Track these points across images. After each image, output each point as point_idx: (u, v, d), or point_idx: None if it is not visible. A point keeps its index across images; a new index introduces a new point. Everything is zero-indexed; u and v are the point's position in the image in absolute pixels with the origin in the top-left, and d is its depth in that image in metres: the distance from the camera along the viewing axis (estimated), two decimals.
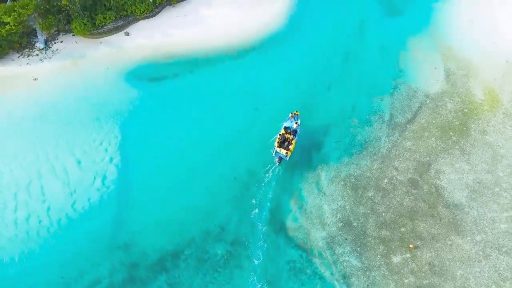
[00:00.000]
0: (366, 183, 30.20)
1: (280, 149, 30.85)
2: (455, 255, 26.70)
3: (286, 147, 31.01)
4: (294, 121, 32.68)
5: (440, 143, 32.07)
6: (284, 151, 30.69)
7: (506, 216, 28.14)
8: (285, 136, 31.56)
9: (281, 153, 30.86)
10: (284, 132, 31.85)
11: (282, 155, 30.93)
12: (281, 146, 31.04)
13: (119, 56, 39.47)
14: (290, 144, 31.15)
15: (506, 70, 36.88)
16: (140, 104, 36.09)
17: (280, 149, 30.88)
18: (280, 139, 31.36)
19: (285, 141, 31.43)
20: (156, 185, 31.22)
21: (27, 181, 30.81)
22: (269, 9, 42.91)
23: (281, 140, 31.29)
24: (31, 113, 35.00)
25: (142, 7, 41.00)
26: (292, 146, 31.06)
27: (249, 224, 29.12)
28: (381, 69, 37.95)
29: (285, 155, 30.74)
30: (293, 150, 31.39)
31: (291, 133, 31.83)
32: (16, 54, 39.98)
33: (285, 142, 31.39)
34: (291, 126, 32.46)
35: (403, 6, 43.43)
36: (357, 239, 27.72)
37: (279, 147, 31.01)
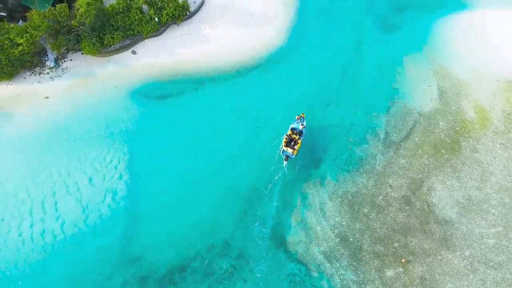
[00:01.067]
0: (362, 199, 31.99)
1: (287, 148, 33.55)
2: (445, 269, 28.48)
3: (292, 147, 33.60)
4: (300, 122, 35.29)
5: (432, 160, 33.86)
6: (290, 150, 33.39)
7: (493, 232, 29.92)
8: (292, 137, 34.17)
9: (288, 152, 33.53)
10: (291, 132, 34.46)
11: (288, 153, 33.58)
12: (288, 146, 33.74)
13: (126, 74, 41.23)
14: (296, 144, 33.76)
15: (496, 89, 38.66)
16: (147, 122, 37.86)
17: (287, 148, 33.57)
18: (287, 139, 34.01)
19: (292, 141, 34.06)
20: (164, 201, 32.95)
21: (41, 197, 32.60)
22: (270, 29, 44.71)
23: (288, 140, 33.99)
24: (44, 131, 36.75)
25: (148, 27, 42.77)
26: (298, 145, 33.75)
27: (251, 239, 30.89)
28: (377, 87, 39.73)
29: (292, 153, 33.38)
30: (299, 149, 33.95)
31: (297, 134, 34.43)
32: (28, 73, 41.75)
33: (292, 142, 34.01)
34: (297, 127, 35.11)
35: (399, 26, 45.26)
36: (353, 253, 29.51)
37: (286, 146, 33.73)
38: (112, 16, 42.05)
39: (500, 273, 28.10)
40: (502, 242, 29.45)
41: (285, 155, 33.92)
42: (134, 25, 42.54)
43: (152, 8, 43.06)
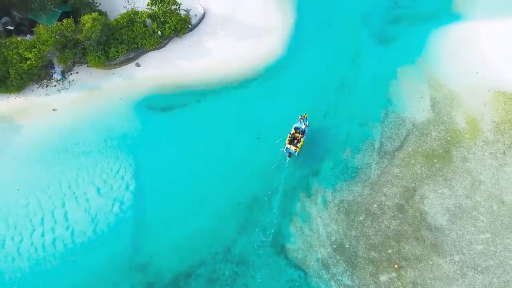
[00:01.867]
0: (358, 208, 33.61)
1: (290, 146, 35.80)
2: (436, 274, 30.11)
3: (295, 144, 35.77)
4: (303, 122, 37.63)
5: (424, 170, 35.50)
6: (293, 147, 35.59)
7: (482, 238, 31.57)
8: (295, 135, 36.47)
9: (291, 149, 35.81)
10: (294, 132, 36.80)
11: (291, 151, 35.86)
12: (291, 143, 35.98)
13: (131, 86, 42.80)
14: (298, 142, 35.96)
15: (487, 100, 40.29)
16: (152, 133, 39.43)
17: (290, 146, 35.83)
18: (290, 137, 36.26)
19: (295, 139, 36.29)
20: (169, 209, 34.53)
21: (52, 208, 34.21)
22: (269, 41, 46.34)
23: (291, 138, 36.27)
24: (52, 143, 38.34)
25: (151, 40, 44.35)
26: (300, 143, 36.02)
27: (253, 246, 32.49)
28: (372, 98, 41.32)
29: (294, 151, 35.56)
30: (301, 147, 36.17)
31: (300, 133, 36.73)
32: (36, 85, 43.30)
33: (295, 140, 36.23)
34: (300, 126, 37.45)
35: (393, 38, 46.91)
36: (349, 260, 31.12)
37: (289, 144, 35.93)
38: (117, 30, 43.64)
39: (488, 277, 29.74)
40: (490, 248, 31.09)
41: (288, 152, 36.38)
42: (138, 39, 44.12)
43: (155, 22, 44.63)
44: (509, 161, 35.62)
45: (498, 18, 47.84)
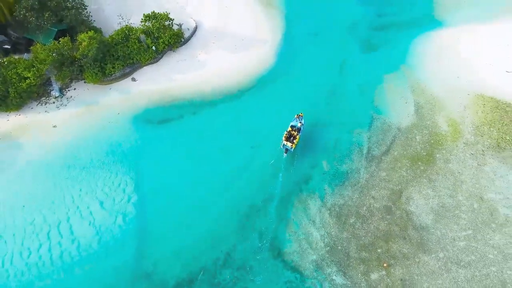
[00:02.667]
0: (348, 211, 35.71)
1: (287, 143, 38.44)
2: (422, 270, 32.35)
3: (291, 141, 38.49)
4: (299, 121, 40.25)
5: (410, 172, 37.74)
6: (289, 144, 38.30)
7: (464, 235, 33.90)
8: (291, 133, 39.02)
9: (288, 146, 38.50)
10: (291, 129, 39.38)
11: (288, 147, 38.57)
12: (287, 140, 38.74)
13: (128, 101, 44.34)
14: (294, 139, 38.79)
15: (467, 103, 42.71)
16: (150, 146, 41.04)
17: (287, 142, 38.46)
18: (287, 134, 38.96)
19: (291, 136, 38.95)
20: (170, 220, 36.19)
21: (57, 222, 35.68)
22: (260, 52, 48.22)
23: (288, 136, 38.92)
24: (54, 159, 39.71)
25: (146, 55, 45.91)
26: (296, 140, 38.87)
27: (251, 250, 34.41)
28: (360, 105, 43.46)
29: (290, 147, 38.41)
30: (297, 143, 39.06)
31: (296, 130, 39.29)
32: (34, 103, 44.57)
33: (291, 137, 38.78)
34: (296, 124, 40.06)
35: (379, 46, 49.21)
36: (341, 260, 33.20)
37: (286, 140, 38.63)
38: (112, 46, 45.08)
39: (470, 271, 32.05)
40: (471, 243, 33.42)
41: (285, 149, 38.88)
42: (133, 54, 45.62)
43: (149, 37, 46.19)
44: (488, 161, 38.05)
45: (477, 24, 50.42)
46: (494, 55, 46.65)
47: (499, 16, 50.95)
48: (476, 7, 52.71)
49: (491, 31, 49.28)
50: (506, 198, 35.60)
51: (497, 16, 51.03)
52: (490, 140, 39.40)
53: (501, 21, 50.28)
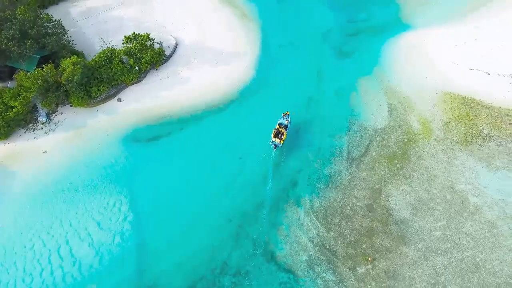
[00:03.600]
0: (333, 211, 38.31)
1: (275, 139, 41.92)
2: (404, 261, 35.24)
3: (279, 138, 41.91)
4: (286, 119, 43.52)
5: (387, 171, 40.65)
6: (278, 140, 41.86)
7: (439, 225, 37.00)
8: (279, 130, 42.67)
9: (276, 142, 41.99)
10: (278, 127, 43.02)
11: (277, 143, 42.10)
12: (276, 137, 42.23)
13: (115, 121, 45.65)
14: (282, 135, 42.15)
15: (435, 101, 45.99)
16: (141, 164, 42.57)
17: (275, 139, 41.98)
18: (275, 131, 42.33)
19: (279, 133, 42.43)
20: (167, 233, 37.94)
21: (57, 246, 36.93)
22: (240, 65, 50.30)
23: (276, 133, 42.45)
24: (47, 185, 40.84)
25: (130, 76, 47.28)
26: (283, 136, 42.28)
27: (246, 257, 36.54)
28: (338, 110, 46.08)
29: (279, 143, 41.96)
30: (284, 139, 42.52)
31: (283, 128, 42.93)
32: (22, 130, 45.38)
33: (279, 134, 42.31)
34: (283, 122, 43.70)
35: (352, 52, 52.14)
36: (330, 258, 35.73)
37: (274, 137, 42.08)
38: (96, 69, 46.28)
39: (446, 258, 35.13)
40: (446, 232, 36.55)
41: (274, 145, 42.02)
42: (117, 76, 46.92)
43: (131, 58, 47.55)
44: (458, 155, 41.35)
45: (441, 25, 53.83)
46: (458, 54, 50.13)
47: (460, 17, 54.53)
48: (439, 9, 56.16)
49: (454, 31, 52.79)
50: (475, 188, 38.92)
51: (458, 17, 54.60)
52: (458, 135, 42.75)
53: (461, 21, 53.89)
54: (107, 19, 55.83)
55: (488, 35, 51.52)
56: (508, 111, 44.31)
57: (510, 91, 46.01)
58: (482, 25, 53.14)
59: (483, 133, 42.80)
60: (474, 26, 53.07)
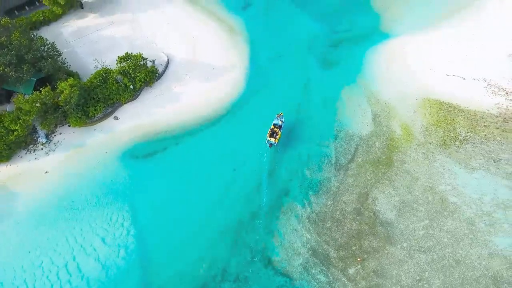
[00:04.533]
0: (324, 217, 40.93)
1: (270, 138, 45.37)
2: (391, 260, 38.03)
3: (274, 137, 45.48)
4: (280, 119, 47.24)
5: (373, 176, 43.42)
6: (273, 139, 45.26)
7: (422, 225, 39.89)
8: (274, 130, 46.14)
9: (271, 141, 45.44)
10: (273, 127, 46.38)
11: (272, 142, 45.51)
12: (271, 136, 45.66)
13: (113, 139, 47.56)
14: (277, 135, 45.69)
15: (416, 107, 48.92)
16: (140, 179, 44.62)
17: (271, 138, 45.32)
18: (270, 131, 45.83)
19: (274, 133, 45.97)
20: (168, 245, 40.11)
21: (64, 263, 38.85)
22: (230, 78, 52.60)
23: (271, 133, 45.94)
24: (51, 204, 42.67)
25: (125, 95, 49.19)
26: (278, 135, 45.85)
27: (244, 263, 38.94)
28: (325, 119, 48.69)
29: (274, 142, 45.33)
30: (279, 138, 46.09)
31: (278, 127, 46.51)
32: (23, 151, 47.01)
33: (274, 133, 45.87)
34: (277, 123, 47.14)
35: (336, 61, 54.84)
36: (323, 261, 38.36)
37: (270, 136, 45.47)
38: (92, 90, 48.08)
39: (429, 255, 38.03)
40: (429, 231, 39.45)
41: (269, 144, 45.29)
42: (113, 95, 48.79)
43: (125, 77, 49.43)
44: (437, 158, 44.32)
45: (419, 32, 56.85)
46: (435, 60, 53.18)
47: (435, 24, 57.57)
48: (417, 17, 59.13)
49: (431, 37, 55.83)
50: (454, 188, 41.91)
51: (435, 24, 57.64)
52: (438, 139, 45.73)
53: (437, 28, 56.93)
54: (98, 38, 57.56)
55: (463, 41, 54.71)
56: (483, 114, 47.48)
57: (484, 94, 49.25)
58: (457, 31, 56.35)
59: (460, 136, 45.87)
60: (450, 32, 56.22)
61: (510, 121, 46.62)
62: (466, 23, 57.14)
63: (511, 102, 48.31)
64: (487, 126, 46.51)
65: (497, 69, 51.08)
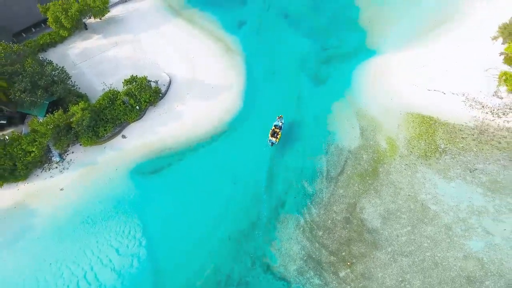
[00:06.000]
0: (317, 225, 45.30)
1: (272, 138, 51.34)
2: (377, 263, 42.54)
3: (275, 136, 51.41)
4: (280, 121, 53.11)
5: (361, 187, 47.80)
6: (274, 139, 51.07)
7: (405, 231, 44.39)
8: (275, 130, 51.92)
9: (273, 140, 51.09)
10: (274, 128, 52.04)
11: (273, 141, 51.21)
12: (272, 136, 51.35)
13: (122, 157, 51.52)
14: (277, 135, 51.54)
15: (400, 121, 53.26)
16: (148, 193, 48.72)
17: (272, 138, 51.22)
18: (272, 132, 51.77)
19: (275, 133, 51.79)
20: (176, 254, 44.36)
21: (83, 273, 43.00)
22: (228, 97, 56.55)
23: (272, 133, 51.79)
24: (67, 219, 46.72)
25: (132, 115, 53.05)
26: (279, 135, 51.76)
27: (246, 269, 43.29)
28: (316, 134, 52.90)
29: (275, 141, 51.15)
30: (279, 138, 51.91)
31: (278, 128, 52.36)
32: (39, 170, 50.84)
33: (275, 134, 51.64)
34: (278, 124, 52.76)
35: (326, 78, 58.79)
36: (316, 266, 42.79)
37: (271, 136, 51.34)
38: (101, 111, 51.87)
39: (411, 259, 42.57)
40: (411, 237, 43.96)
41: (271, 143, 51.14)
42: (120, 115, 52.64)
43: (131, 98, 53.22)
44: (419, 169, 48.77)
45: (403, 49, 61.01)
46: (417, 76, 57.43)
47: (418, 40, 61.68)
48: (400, 34, 63.20)
49: (414, 54, 60.03)
50: (434, 197, 46.41)
51: (417, 40, 61.76)
52: (419, 151, 50.16)
53: (419, 44, 61.09)
54: (103, 59, 61.21)
55: (443, 57, 58.98)
56: (461, 127, 51.95)
57: (462, 108, 53.68)
58: (438, 47, 60.61)
59: (440, 147, 50.33)
60: (431, 48, 60.47)
61: (485, 133, 51.18)
62: (447, 39, 61.37)
63: (486, 115, 52.84)
64: (464, 138, 51.01)
65: (475, 84, 55.50)
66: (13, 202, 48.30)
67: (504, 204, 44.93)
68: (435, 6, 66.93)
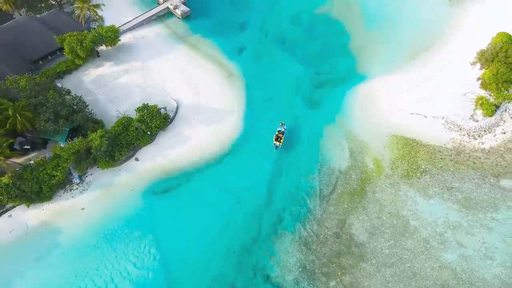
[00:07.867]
0: (311, 240, 51.15)
1: (276, 142, 58.47)
2: (363, 274, 48.42)
3: (279, 141, 58.52)
4: (283, 127, 60.16)
5: (350, 204, 53.65)
6: (278, 143, 58.37)
7: (388, 245, 50.26)
8: (278, 135, 59.12)
9: (277, 144, 58.37)
10: (278, 133, 59.23)
11: (277, 145, 58.47)
12: (276, 140, 58.66)
13: (136, 178, 57.30)
14: (281, 139, 58.76)
15: (385, 143, 59.10)
16: (160, 212, 54.50)
17: (276, 142, 58.26)
18: (275, 136, 59.09)
19: (278, 138, 58.76)
20: (187, 266, 50.14)
21: (105, 284, 48.80)
22: (230, 121, 62.44)
23: (276, 137, 59.10)
24: (89, 236, 52.45)
25: (144, 140, 58.80)
26: (282, 140, 58.95)
27: (248, 279, 49.12)
28: (310, 155, 58.76)
29: (279, 144, 58.42)
30: (282, 142, 58.98)
31: (281, 133, 59.38)
32: (61, 191, 56.57)
33: (278, 138, 58.51)
34: (281, 129, 59.53)
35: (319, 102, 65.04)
36: (310, 276, 48.67)
37: (275, 141, 58.63)
38: (116, 136, 57.59)
39: (393, 269, 48.45)
40: (393, 250, 49.83)
41: (275, 146, 57.79)
42: (133, 140, 58.38)
43: (143, 124, 58.93)
44: (402, 188, 54.63)
45: (389, 75, 66.96)
46: (402, 100, 63.32)
47: (402, 67, 67.71)
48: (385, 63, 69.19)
49: (399, 79, 65.97)
50: (414, 214, 52.29)
51: (402, 67, 67.78)
52: (402, 171, 56.05)
53: (404, 71, 67.08)
54: (116, 86, 66.98)
55: (425, 82, 64.87)
56: (440, 148, 57.87)
57: (442, 130, 59.57)
58: (421, 72, 66.49)
59: (421, 168, 56.22)
60: (414, 74, 66.41)
61: (462, 154, 57.09)
62: (428, 65, 67.34)
63: (463, 137, 58.75)
64: (443, 158, 56.93)
65: (454, 108, 61.42)
66: (39, 221, 54.10)
67: (476, 219, 50.91)
68: (419, 32, 72.79)
